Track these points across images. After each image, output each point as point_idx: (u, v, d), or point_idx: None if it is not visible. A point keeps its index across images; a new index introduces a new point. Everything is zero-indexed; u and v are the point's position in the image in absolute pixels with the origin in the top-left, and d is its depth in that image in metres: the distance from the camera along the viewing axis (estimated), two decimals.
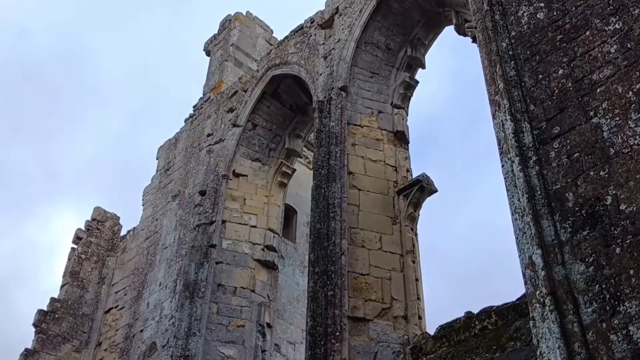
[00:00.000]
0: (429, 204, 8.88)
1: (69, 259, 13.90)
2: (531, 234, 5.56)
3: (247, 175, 12.20)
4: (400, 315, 7.88)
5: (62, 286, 13.42)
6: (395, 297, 8.01)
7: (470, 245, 35.86)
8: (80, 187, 47.07)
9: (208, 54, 15.91)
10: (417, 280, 8.14)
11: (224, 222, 11.52)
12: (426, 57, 10.30)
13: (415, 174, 9.04)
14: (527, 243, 5.58)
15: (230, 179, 12.03)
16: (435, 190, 8.68)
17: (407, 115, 9.80)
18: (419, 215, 8.69)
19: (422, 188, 8.61)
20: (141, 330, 11.56)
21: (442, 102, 44.63)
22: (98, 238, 14.34)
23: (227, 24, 15.83)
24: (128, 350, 11.63)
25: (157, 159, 14.97)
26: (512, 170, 6.03)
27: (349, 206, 8.58)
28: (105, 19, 55.33)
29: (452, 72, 45.28)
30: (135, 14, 54.81)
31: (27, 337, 12.72)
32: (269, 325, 10.67)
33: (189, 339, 9.99)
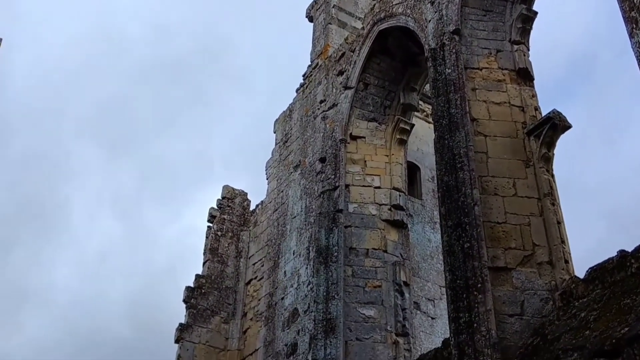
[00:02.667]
0: (572, 143, 8.29)
1: (206, 237, 14.61)
2: None
3: (364, 137, 12.10)
4: (544, 261, 7.49)
5: (204, 263, 14.14)
6: (537, 243, 7.62)
7: (626, 183, 33.44)
8: (230, 170, 49.80)
9: (311, 19, 15.80)
10: (559, 223, 7.68)
11: (347, 186, 11.54)
12: None
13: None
14: None
15: (348, 143, 11.98)
16: (569, 126, 8.08)
17: (528, 50, 9.16)
18: (553, 154, 8.15)
19: (554, 126, 8.04)
20: (282, 298, 11.94)
21: (596, 32, 41.60)
22: (230, 215, 14.92)
23: None
24: (272, 317, 12.07)
25: (274, 132, 15.23)
26: None
27: (476, 154, 8.22)
28: (233, 6, 57.28)
29: None
30: None
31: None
32: (405, 284, 10.61)
33: (328, 302, 10.17)
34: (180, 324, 13.11)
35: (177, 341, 12.99)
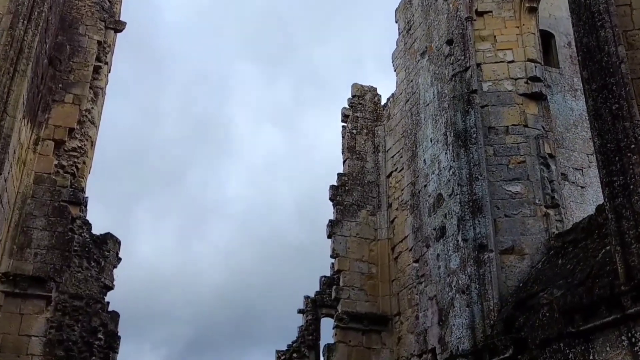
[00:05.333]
0: None
1: (342, 137, 15.02)
2: None
3: (491, 11, 11.58)
4: None
5: (344, 161, 14.64)
6: None
7: None
8: (381, 67, 50.44)
9: None
10: None
11: (478, 65, 11.24)
12: None
13: None
14: None
15: (475, 20, 11.54)
16: None
17: None
18: None
19: None
20: (425, 186, 12.17)
21: None
22: (362, 112, 15.16)
23: None
24: (417, 205, 12.39)
25: (396, 22, 14.94)
26: None
27: (618, 8, 7.64)
28: None
29: None
30: None
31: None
32: (550, 156, 10.37)
33: (472, 184, 10.24)
34: (330, 221, 13.87)
35: (329, 236, 13.82)
